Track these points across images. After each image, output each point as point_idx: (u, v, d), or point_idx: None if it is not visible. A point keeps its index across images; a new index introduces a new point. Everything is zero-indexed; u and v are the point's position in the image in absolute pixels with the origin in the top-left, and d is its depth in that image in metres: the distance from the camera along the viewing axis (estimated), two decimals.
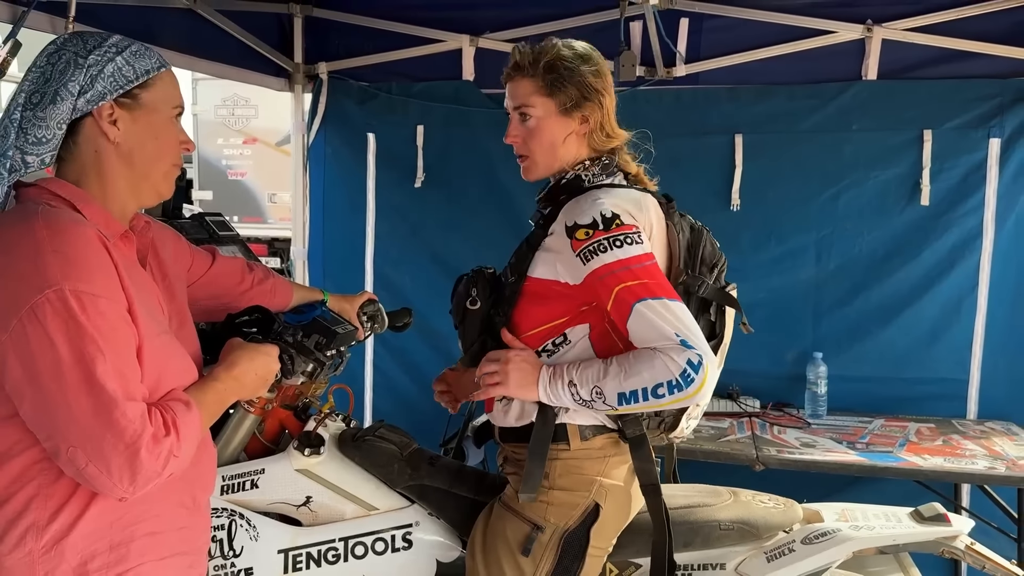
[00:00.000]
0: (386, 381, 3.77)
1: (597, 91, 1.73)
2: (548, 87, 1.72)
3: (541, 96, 1.73)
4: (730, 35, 3.27)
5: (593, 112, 1.73)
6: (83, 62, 1.29)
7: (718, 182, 3.33)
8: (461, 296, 1.80)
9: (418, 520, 1.89)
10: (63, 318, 1.16)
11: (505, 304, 1.74)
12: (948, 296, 3.20)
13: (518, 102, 1.75)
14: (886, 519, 1.96)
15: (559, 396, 1.65)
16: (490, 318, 1.77)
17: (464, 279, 1.82)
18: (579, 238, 1.62)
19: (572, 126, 1.74)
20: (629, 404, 1.58)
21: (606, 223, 1.61)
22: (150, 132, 1.35)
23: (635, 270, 1.58)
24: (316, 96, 3.67)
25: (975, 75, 3.12)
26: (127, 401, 1.18)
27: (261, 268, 1.95)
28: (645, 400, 1.57)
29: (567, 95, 1.71)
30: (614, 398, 1.59)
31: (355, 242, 3.73)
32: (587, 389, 1.61)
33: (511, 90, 1.77)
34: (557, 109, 1.72)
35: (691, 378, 1.53)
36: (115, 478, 1.18)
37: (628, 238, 1.60)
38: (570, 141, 1.75)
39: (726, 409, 3.17)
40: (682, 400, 1.56)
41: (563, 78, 1.71)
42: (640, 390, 1.56)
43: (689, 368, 1.53)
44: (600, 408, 1.63)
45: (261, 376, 1.49)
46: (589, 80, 1.72)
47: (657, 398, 1.56)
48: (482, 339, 1.79)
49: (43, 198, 1.28)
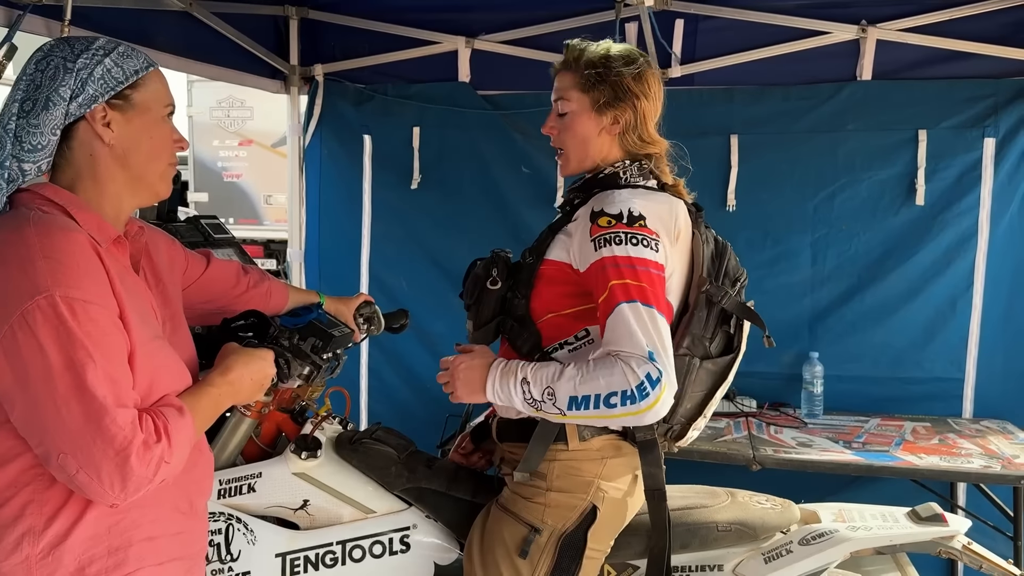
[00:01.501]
0: (381, 384, 3.77)
1: (633, 94, 1.74)
2: (584, 83, 1.75)
3: (577, 91, 1.76)
4: (725, 36, 3.27)
5: (624, 113, 1.75)
6: (72, 66, 1.29)
7: (714, 183, 3.33)
8: (480, 276, 1.80)
9: (415, 523, 1.89)
10: (53, 324, 1.16)
11: (523, 285, 1.75)
12: (944, 295, 3.21)
13: (558, 95, 1.80)
14: (883, 519, 1.97)
15: (508, 394, 1.63)
16: (506, 299, 1.78)
17: (482, 261, 1.82)
18: (600, 224, 1.62)
19: (603, 123, 1.76)
20: (579, 410, 1.55)
21: (631, 219, 1.62)
22: (144, 132, 1.35)
23: (639, 272, 1.57)
24: (312, 98, 3.67)
25: (969, 75, 3.14)
26: (117, 407, 1.18)
27: (256, 271, 1.95)
28: (596, 408, 1.54)
29: (601, 92, 1.74)
30: (565, 401, 1.56)
31: (351, 244, 3.72)
32: (539, 389, 1.59)
33: (556, 82, 1.81)
34: (591, 105, 1.75)
35: (646, 392, 1.50)
36: (105, 484, 1.18)
37: (647, 240, 1.61)
38: (602, 139, 1.77)
39: (723, 409, 3.17)
40: (631, 415, 1.53)
41: (601, 76, 1.73)
42: (593, 396, 1.54)
43: (647, 382, 1.50)
44: (548, 411, 1.60)
45: (257, 381, 1.48)
46: (627, 81, 1.74)
47: (608, 407, 1.53)
48: (499, 319, 1.80)
49: (36, 203, 1.28)
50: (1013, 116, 3.11)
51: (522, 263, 1.79)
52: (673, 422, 1.76)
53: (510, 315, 1.77)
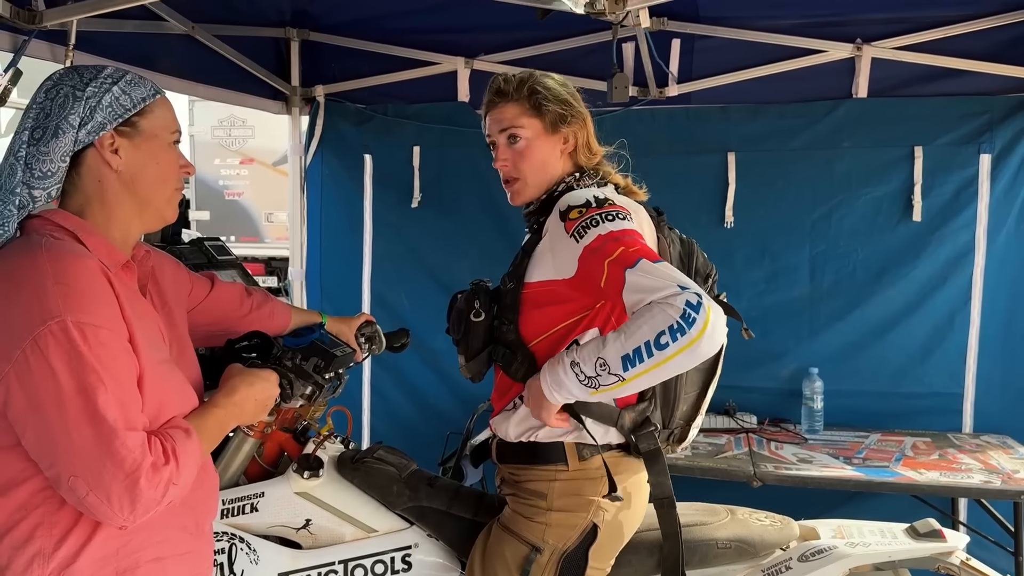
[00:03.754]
0: (384, 402, 3.78)
1: (578, 110, 1.81)
2: (534, 108, 1.78)
3: (528, 117, 1.79)
4: (721, 55, 3.31)
5: (579, 129, 1.80)
6: (81, 95, 1.32)
7: (711, 200, 3.36)
8: (462, 310, 1.80)
9: (417, 542, 1.90)
10: (65, 349, 1.18)
11: (508, 311, 1.76)
12: (942, 311, 3.23)
13: (505, 125, 1.80)
14: (882, 535, 1.98)
15: (563, 384, 1.60)
16: (494, 328, 1.79)
17: (462, 295, 1.83)
18: (572, 218, 1.65)
19: (559, 144, 1.80)
20: (635, 366, 1.50)
21: (599, 202, 1.66)
22: (151, 158, 1.38)
23: (625, 240, 1.58)
24: (313, 118, 3.71)
25: (964, 92, 3.17)
26: (127, 431, 1.20)
27: (260, 293, 1.97)
28: (650, 356, 1.48)
29: (554, 113, 1.78)
30: (618, 364, 1.52)
31: (352, 262, 3.75)
32: (590, 364, 1.56)
33: (495, 116, 1.82)
34: (544, 128, 1.79)
35: (692, 318, 1.46)
36: (115, 507, 1.19)
37: (620, 215, 1.64)
38: (560, 160, 1.81)
39: (723, 425, 3.18)
40: (688, 349, 1.46)
41: (547, 99, 1.77)
42: (643, 345, 1.49)
43: (689, 308, 1.46)
44: (607, 384, 1.55)
45: (261, 401, 1.50)
46: (570, 100, 1.80)
47: (661, 349, 1.47)
48: (490, 348, 1.80)
49: (47, 229, 1.31)
50: (1008, 132, 3.13)
51: (503, 288, 1.79)
52: (672, 425, 1.79)
53: (500, 343, 1.78)
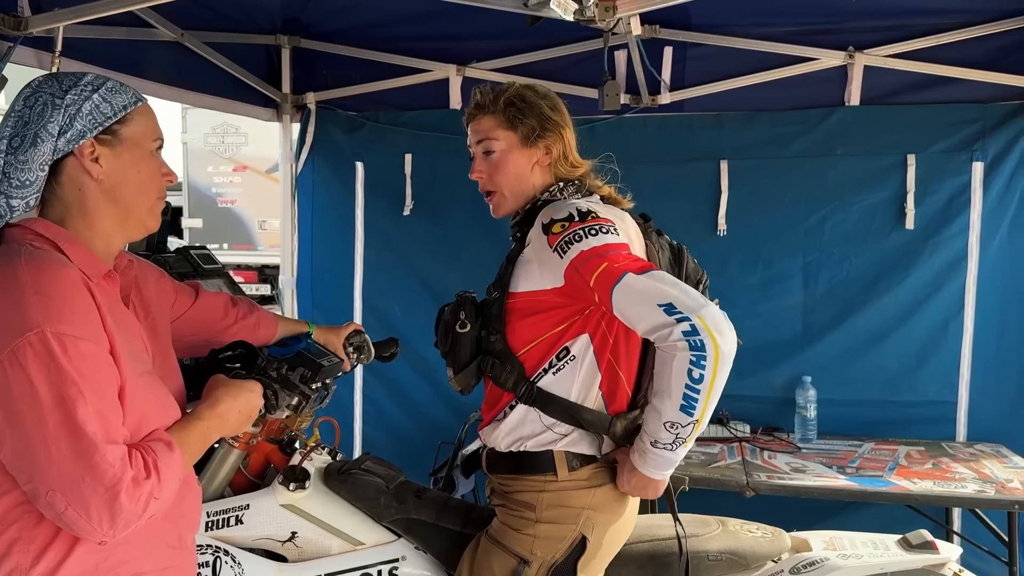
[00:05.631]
0: (376, 411, 3.76)
1: (556, 123, 1.80)
2: (509, 120, 1.78)
3: (503, 129, 1.79)
4: (714, 63, 3.30)
5: (556, 142, 1.79)
6: (60, 102, 1.29)
7: (704, 208, 3.35)
8: (448, 322, 1.81)
9: (405, 555, 1.87)
10: (44, 360, 1.16)
11: (495, 321, 1.76)
12: (935, 319, 3.22)
13: (481, 137, 1.81)
14: (874, 547, 1.96)
15: (661, 461, 1.64)
16: (480, 338, 1.78)
17: (448, 307, 1.83)
18: (555, 232, 1.64)
19: (535, 156, 1.79)
20: (696, 407, 1.54)
21: (582, 216, 1.64)
22: (132, 167, 1.36)
23: (611, 256, 1.58)
24: (304, 126, 3.69)
25: (957, 100, 3.17)
26: (107, 444, 1.17)
27: (246, 302, 1.95)
28: (698, 392, 1.52)
29: (528, 126, 1.78)
30: (682, 415, 1.55)
31: (344, 270, 3.73)
32: (663, 432, 1.59)
33: (474, 128, 1.83)
34: (519, 141, 1.79)
35: (699, 342, 1.49)
36: (94, 522, 1.17)
37: (604, 228, 1.63)
38: (535, 171, 1.81)
39: (716, 434, 3.17)
40: (718, 362, 1.49)
41: (522, 111, 1.78)
42: (686, 389, 1.52)
43: (689, 338, 1.49)
44: (687, 434, 1.58)
45: (244, 413, 1.48)
46: (547, 113, 1.79)
47: (700, 381, 1.51)
48: (478, 359, 1.79)
49: (27, 238, 1.29)
50: (1001, 140, 3.13)
51: (489, 299, 1.79)
52: None
53: (489, 353, 1.77)
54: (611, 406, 1.74)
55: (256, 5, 3.30)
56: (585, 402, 1.72)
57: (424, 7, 3.14)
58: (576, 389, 1.71)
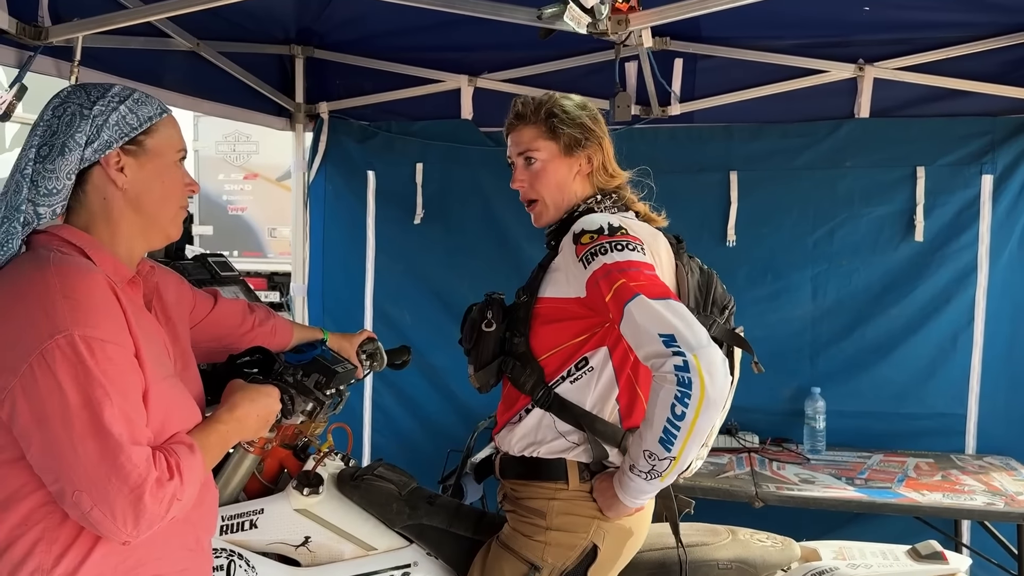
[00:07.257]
0: (386, 418, 3.77)
1: (596, 133, 1.83)
2: (550, 131, 1.81)
3: (544, 139, 1.82)
4: (724, 75, 3.32)
5: (596, 152, 1.82)
6: (88, 113, 1.32)
7: (714, 218, 3.37)
8: (476, 319, 1.83)
9: (416, 560, 1.89)
10: (72, 363, 1.18)
11: (520, 324, 1.78)
12: (944, 331, 3.22)
13: (522, 148, 1.84)
14: (883, 557, 1.97)
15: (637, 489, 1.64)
16: (504, 339, 1.81)
17: (477, 305, 1.86)
18: (583, 242, 1.66)
19: (576, 166, 1.82)
20: (673, 443, 1.53)
21: (612, 230, 1.66)
22: (156, 177, 1.38)
23: (631, 273, 1.59)
24: (317, 135, 3.72)
25: (966, 113, 3.18)
26: (133, 445, 1.19)
27: (263, 309, 1.98)
28: (677, 429, 1.51)
29: (569, 136, 1.80)
30: (660, 448, 1.55)
31: (355, 278, 3.75)
32: (642, 460, 1.59)
33: (514, 139, 1.86)
34: (560, 150, 1.81)
35: (687, 380, 1.49)
36: (119, 522, 1.19)
37: (631, 245, 1.64)
38: (576, 181, 1.83)
39: (725, 445, 3.17)
40: (701, 403, 1.49)
41: (563, 122, 1.80)
42: (667, 423, 1.52)
43: (679, 373, 1.50)
44: (663, 468, 1.57)
45: (263, 417, 1.50)
46: (588, 123, 1.82)
47: (681, 419, 1.50)
48: (500, 359, 1.82)
49: (54, 244, 1.31)
50: (1010, 153, 3.15)
51: (517, 302, 1.82)
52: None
53: (511, 355, 1.80)
54: (627, 421, 1.75)
55: (270, 16, 3.34)
56: (601, 413, 1.74)
57: (436, 18, 3.16)
58: (592, 400, 1.73)
